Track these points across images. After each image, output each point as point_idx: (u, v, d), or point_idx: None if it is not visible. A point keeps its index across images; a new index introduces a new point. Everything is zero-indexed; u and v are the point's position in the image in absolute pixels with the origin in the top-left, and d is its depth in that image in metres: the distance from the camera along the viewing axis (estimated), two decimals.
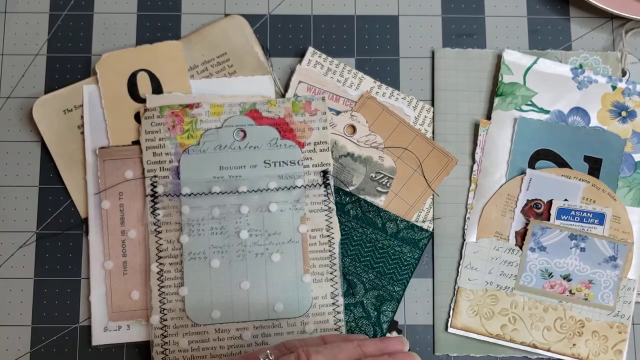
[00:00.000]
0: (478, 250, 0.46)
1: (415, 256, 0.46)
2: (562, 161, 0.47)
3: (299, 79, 0.48)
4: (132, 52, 0.48)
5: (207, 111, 0.46)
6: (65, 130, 0.47)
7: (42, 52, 0.49)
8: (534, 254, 0.46)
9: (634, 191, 0.47)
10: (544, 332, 0.45)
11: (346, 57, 0.49)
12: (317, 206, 0.46)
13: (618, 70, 0.48)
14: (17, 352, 0.45)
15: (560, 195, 0.46)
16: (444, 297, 0.46)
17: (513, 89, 0.47)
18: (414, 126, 0.48)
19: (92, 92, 0.47)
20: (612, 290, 0.46)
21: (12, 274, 0.46)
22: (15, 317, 0.46)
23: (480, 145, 0.47)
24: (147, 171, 0.46)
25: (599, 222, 0.46)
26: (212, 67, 0.48)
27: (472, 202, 0.47)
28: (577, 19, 0.50)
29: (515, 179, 0.47)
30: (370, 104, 0.47)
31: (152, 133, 0.46)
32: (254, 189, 0.46)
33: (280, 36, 0.49)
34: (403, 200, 0.47)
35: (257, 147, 0.46)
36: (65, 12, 0.49)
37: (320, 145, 0.46)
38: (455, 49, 0.49)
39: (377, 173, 0.47)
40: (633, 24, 0.49)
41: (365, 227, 0.46)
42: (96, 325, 0.45)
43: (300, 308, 0.45)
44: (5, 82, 0.48)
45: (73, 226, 0.47)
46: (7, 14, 0.49)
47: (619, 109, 0.47)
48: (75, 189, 0.47)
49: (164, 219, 0.45)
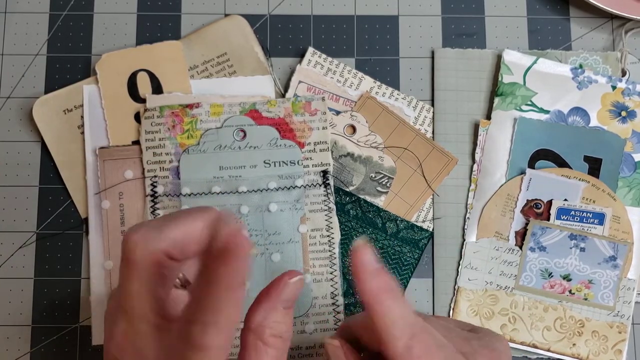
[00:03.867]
0: (478, 250, 0.46)
1: (415, 256, 0.46)
2: (562, 161, 0.47)
3: (299, 79, 0.48)
4: (132, 52, 0.48)
5: (207, 111, 0.46)
6: (65, 130, 0.47)
7: (42, 52, 0.49)
8: (533, 254, 0.46)
9: (633, 191, 0.47)
10: (544, 332, 0.45)
11: (346, 57, 0.49)
12: (317, 206, 0.46)
13: (618, 70, 0.48)
14: (17, 352, 0.46)
15: (560, 195, 0.46)
16: (444, 297, 0.46)
17: (513, 89, 0.47)
18: (414, 126, 0.48)
19: (92, 92, 0.47)
20: (612, 290, 0.46)
21: (12, 274, 0.46)
22: (15, 317, 0.46)
23: (480, 145, 0.47)
24: (147, 171, 0.46)
25: (598, 222, 0.46)
26: (212, 67, 0.48)
27: (472, 202, 0.47)
28: (577, 19, 0.50)
29: (515, 179, 0.47)
30: (370, 104, 0.48)
31: (152, 133, 0.46)
32: (254, 189, 0.46)
33: (280, 36, 0.49)
34: (403, 200, 0.47)
35: (257, 147, 0.46)
36: (65, 12, 0.49)
37: (320, 145, 0.46)
38: (455, 49, 0.49)
39: (377, 173, 0.47)
40: (633, 24, 0.49)
41: (365, 227, 0.46)
42: (96, 325, 0.45)
43: (300, 308, 0.45)
44: (5, 82, 0.48)
45: (73, 226, 0.47)
46: (7, 14, 0.49)
47: (619, 109, 0.47)
48: (75, 189, 0.47)
49: None
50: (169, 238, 0.29)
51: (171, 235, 0.29)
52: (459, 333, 0.34)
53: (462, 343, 0.32)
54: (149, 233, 0.29)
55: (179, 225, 0.29)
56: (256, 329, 0.31)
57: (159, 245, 0.29)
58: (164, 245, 0.29)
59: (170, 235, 0.29)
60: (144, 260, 0.29)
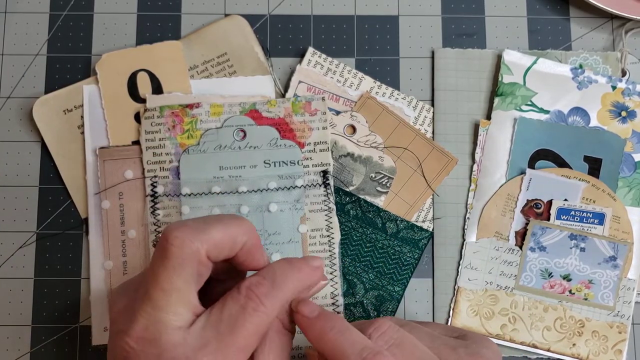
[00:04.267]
0: (478, 250, 0.46)
1: (415, 256, 0.46)
2: (562, 161, 0.47)
3: (299, 79, 0.48)
4: (132, 52, 0.48)
5: (207, 111, 0.46)
6: (65, 130, 0.47)
7: (42, 52, 0.49)
8: (533, 254, 0.46)
9: (634, 191, 0.47)
10: (544, 332, 0.45)
11: (346, 57, 0.49)
12: (317, 206, 0.46)
13: (618, 70, 0.48)
14: (17, 352, 0.46)
15: (560, 195, 0.46)
16: (444, 297, 0.46)
17: (513, 89, 0.47)
18: (414, 126, 0.48)
19: (92, 92, 0.47)
20: (612, 290, 0.46)
21: (12, 274, 0.46)
22: (15, 317, 0.46)
23: (480, 145, 0.47)
24: (147, 171, 0.46)
25: (598, 222, 0.46)
26: (212, 67, 0.48)
27: (472, 202, 0.47)
28: (577, 19, 0.50)
29: (515, 179, 0.47)
30: (370, 104, 0.48)
31: (152, 133, 0.46)
32: (254, 189, 0.46)
33: (280, 36, 0.49)
34: (403, 200, 0.47)
35: (257, 147, 0.46)
36: (65, 12, 0.49)
37: (320, 145, 0.46)
38: (455, 49, 0.49)
39: (377, 173, 0.47)
40: (633, 24, 0.49)
41: (365, 227, 0.46)
42: (96, 325, 0.45)
43: None
44: (5, 82, 0.48)
45: (73, 226, 0.47)
46: (7, 14, 0.49)
47: (619, 109, 0.47)
48: (75, 189, 0.47)
49: (164, 219, 0.45)
50: (212, 239, 0.30)
51: (216, 237, 0.31)
52: (445, 341, 0.34)
53: (448, 352, 0.32)
54: (194, 231, 0.30)
55: (221, 229, 0.31)
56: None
57: (204, 244, 0.30)
58: (207, 246, 0.30)
59: (215, 236, 0.31)
60: (189, 256, 0.30)
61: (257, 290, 0.31)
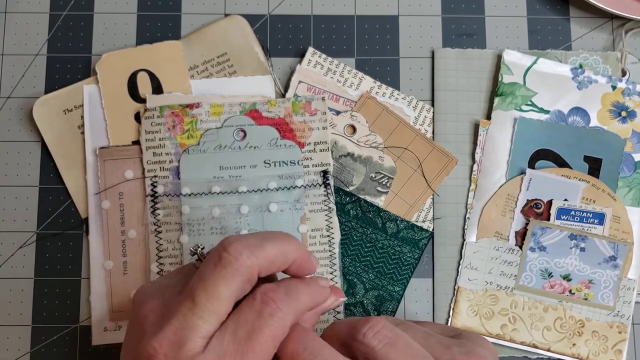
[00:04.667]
0: (478, 250, 0.46)
1: (415, 256, 0.46)
2: (562, 161, 0.47)
3: (299, 79, 0.48)
4: (132, 52, 0.48)
5: (207, 111, 0.46)
6: (65, 130, 0.47)
7: (42, 52, 0.49)
8: (533, 254, 0.46)
9: (634, 191, 0.47)
10: (544, 332, 0.45)
11: (346, 57, 0.49)
12: (317, 206, 0.46)
13: (618, 70, 0.48)
14: (17, 352, 0.46)
15: (560, 195, 0.46)
16: (444, 297, 0.46)
17: (513, 89, 0.47)
18: (414, 126, 0.48)
19: (92, 92, 0.47)
20: (612, 290, 0.46)
21: (12, 274, 0.46)
22: (15, 317, 0.46)
23: (480, 145, 0.47)
24: (147, 171, 0.46)
25: (598, 222, 0.46)
26: (212, 67, 0.48)
27: (472, 202, 0.47)
28: (577, 19, 0.50)
29: (515, 179, 0.47)
30: (370, 104, 0.48)
31: (152, 133, 0.46)
32: (254, 189, 0.46)
33: (280, 36, 0.49)
34: (403, 200, 0.47)
35: (257, 147, 0.46)
36: (65, 12, 0.49)
37: (320, 145, 0.46)
38: (455, 49, 0.49)
39: (377, 173, 0.47)
40: (633, 24, 0.49)
41: (365, 227, 0.46)
42: (96, 325, 0.45)
43: None
44: (5, 82, 0.48)
45: (73, 226, 0.47)
46: (7, 14, 0.49)
47: (619, 109, 0.47)
48: (75, 189, 0.47)
49: (164, 219, 0.45)
50: (268, 256, 0.32)
51: (270, 254, 0.32)
52: (440, 339, 0.34)
53: (441, 350, 0.33)
54: (253, 247, 0.31)
55: (276, 246, 0.32)
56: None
57: (259, 260, 0.31)
58: (262, 262, 0.31)
59: (270, 253, 0.32)
60: (243, 270, 0.31)
61: (273, 295, 0.31)
